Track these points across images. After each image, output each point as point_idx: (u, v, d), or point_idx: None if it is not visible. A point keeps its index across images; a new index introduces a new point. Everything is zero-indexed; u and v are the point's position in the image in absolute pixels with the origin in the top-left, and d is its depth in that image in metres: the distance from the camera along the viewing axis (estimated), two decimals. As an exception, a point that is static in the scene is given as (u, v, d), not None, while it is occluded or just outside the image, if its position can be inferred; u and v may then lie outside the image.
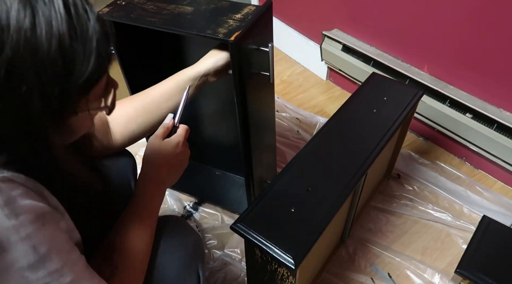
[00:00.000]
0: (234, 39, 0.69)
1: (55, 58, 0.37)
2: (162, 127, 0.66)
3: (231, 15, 0.77)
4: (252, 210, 0.80)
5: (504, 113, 1.19)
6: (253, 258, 0.86)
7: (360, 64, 1.49)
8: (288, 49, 1.91)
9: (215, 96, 1.11)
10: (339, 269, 1.11)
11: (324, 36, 1.60)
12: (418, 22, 1.29)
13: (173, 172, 0.66)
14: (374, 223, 1.23)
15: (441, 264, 1.13)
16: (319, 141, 0.95)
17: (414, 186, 1.33)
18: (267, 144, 1.07)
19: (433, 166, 1.39)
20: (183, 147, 0.67)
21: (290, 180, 0.86)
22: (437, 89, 1.28)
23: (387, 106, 1.03)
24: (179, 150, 0.66)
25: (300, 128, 1.55)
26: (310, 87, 1.77)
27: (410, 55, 1.38)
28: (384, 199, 1.29)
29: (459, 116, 1.26)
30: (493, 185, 1.34)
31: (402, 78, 1.37)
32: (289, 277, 0.80)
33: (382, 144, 0.93)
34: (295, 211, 0.79)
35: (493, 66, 1.16)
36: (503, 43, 1.10)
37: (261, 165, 1.05)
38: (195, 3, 0.83)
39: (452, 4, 1.16)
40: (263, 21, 0.78)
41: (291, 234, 0.76)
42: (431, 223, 1.23)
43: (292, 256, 0.72)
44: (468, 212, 1.25)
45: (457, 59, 1.24)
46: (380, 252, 1.16)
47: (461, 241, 1.18)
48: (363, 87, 1.10)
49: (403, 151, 1.43)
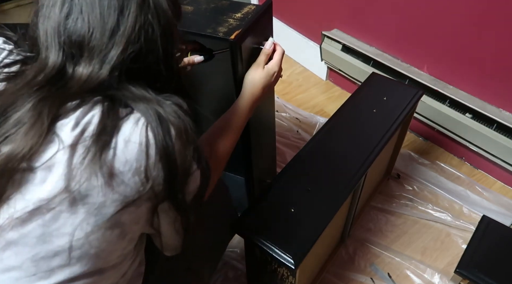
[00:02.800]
0: (234, 38, 0.69)
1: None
2: (263, 54, 0.76)
3: (231, 14, 0.77)
4: (252, 210, 0.80)
5: (504, 113, 1.19)
6: (253, 258, 0.86)
7: (360, 64, 1.49)
8: (288, 49, 1.90)
9: (214, 96, 1.11)
10: (339, 269, 1.11)
11: (324, 36, 1.60)
12: (417, 22, 1.29)
13: (267, 94, 0.80)
14: (374, 223, 1.23)
15: (441, 264, 1.13)
16: (319, 141, 0.94)
17: (414, 186, 1.33)
18: (266, 144, 1.07)
19: (433, 166, 1.39)
20: (278, 73, 0.79)
21: (290, 180, 0.86)
22: (437, 89, 1.28)
23: (387, 106, 1.03)
24: (275, 77, 0.78)
25: (300, 128, 1.55)
26: (310, 87, 1.77)
27: (410, 55, 1.38)
28: (384, 199, 1.29)
29: (459, 116, 1.26)
30: (492, 184, 1.34)
31: (402, 78, 1.37)
32: (289, 277, 0.80)
33: (382, 144, 0.93)
34: (295, 211, 0.79)
35: (492, 66, 1.16)
36: (503, 43, 1.10)
37: (261, 165, 1.05)
38: (195, 2, 0.83)
39: (451, 4, 1.16)
40: (263, 20, 0.78)
41: (291, 234, 0.76)
42: (431, 223, 1.23)
43: (292, 256, 0.72)
44: (468, 212, 1.25)
45: (456, 59, 1.24)
46: (380, 252, 1.16)
47: (460, 241, 1.18)
48: (363, 87, 1.10)
49: (403, 151, 1.43)
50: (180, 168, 0.47)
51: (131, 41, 0.46)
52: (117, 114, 0.45)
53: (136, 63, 0.47)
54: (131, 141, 0.44)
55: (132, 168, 0.44)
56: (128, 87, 0.47)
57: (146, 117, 0.45)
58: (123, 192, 0.44)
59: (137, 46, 0.47)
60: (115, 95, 0.47)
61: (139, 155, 0.44)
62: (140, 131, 0.45)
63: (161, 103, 0.47)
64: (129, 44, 0.46)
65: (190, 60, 0.80)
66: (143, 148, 0.44)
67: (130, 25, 0.46)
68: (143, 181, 0.45)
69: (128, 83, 0.47)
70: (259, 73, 0.75)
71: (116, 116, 0.45)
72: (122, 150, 0.44)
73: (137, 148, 0.44)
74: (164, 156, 0.45)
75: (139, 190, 0.45)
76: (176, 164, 0.46)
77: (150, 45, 0.48)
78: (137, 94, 0.47)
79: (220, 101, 1.13)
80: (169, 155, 0.46)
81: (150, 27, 0.47)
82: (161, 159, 0.45)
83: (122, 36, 0.46)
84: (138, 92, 0.47)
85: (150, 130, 0.45)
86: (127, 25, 0.46)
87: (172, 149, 0.46)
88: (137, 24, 0.46)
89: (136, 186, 0.45)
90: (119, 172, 0.43)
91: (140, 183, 0.45)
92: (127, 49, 0.46)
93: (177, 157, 0.46)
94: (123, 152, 0.44)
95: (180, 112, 0.48)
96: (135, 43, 0.46)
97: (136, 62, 0.47)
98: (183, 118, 0.48)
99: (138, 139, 0.44)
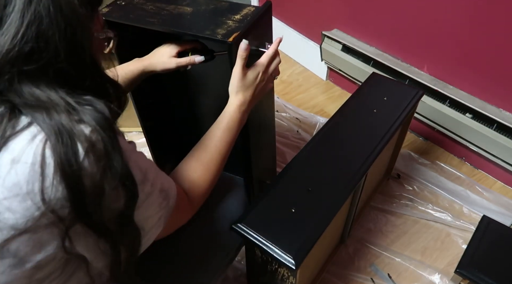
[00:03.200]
0: (232, 40, 0.69)
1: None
2: (239, 57, 0.70)
3: (230, 16, 0.77)
4: (252, 210, 0.80)
5: (504, 113, 1.19)
6: (253, 258, 0.86)
7: (360, 64, 1.49)
8: (288, 49, 1.91)
9: (214, 96, 1.11)
10: (339, 269, 1.11)
11: (324, 36, 1.60)
12: (418, 22, 1.29)
13: (258, 96, 0.76)
14: (374, 223, 1.23)
15: (441, 264, 1.13)
16: (320, 141, 0.94)
17: (414, 186, 1.33)
18: (266, 144, 1.07)
19: (433, 166, 1.39)
20: (263, 75, 0.73)
21: (290, 180, 0.86)
22: (437, 89, 1.28)
23: (387, 106, 1.03)
24: (260, 79, 0.73)
25: (300, 128, 1.55)
26: (310, 87, 1.77)
27: (410, 55, 1.38)
28: (384, 199, 1.29)
29: (459, 116, 1.26)
30: (493, 185, 1.34)
31: (402, 78, 1.37)
32: (290, 277, 0.80)
33: (382, 144, 0.93)
34: (295, 211, 0.79)
35: (493, 66, 1.16)
36: (503, 43, 1.09)
37: (261, 165, 1.05)
38: (194, 3, 0.83)
39: (451, 4, 1.16)
40: (262, 22, 0.78)
41: (292, 234, 0.75)
42: (431, 223, 1.23)
43: (293, 256, 0.72)
44: (468, 212, 1.25)
45: (457, 59, 1.24)
46: (380, 252, 1.16)
47: (461, 241, 1.18)
48: (363, 87, 1.10)
49: (403, 151, 1.43)
50: (90, 188, 0.41)
51: (18, 41, 0.39)
52: (9, 126, 0.39)
53: (30, 64, 0.40)
54: (20, 161, 0.38)
55: (22, 191, 0.39)
56: (29, 90, 0.41)
57: (45, 131, 0.39)
58: (7, 220, 0.39)
59: (28, 45, 0.40)
60: (10, 100, 0.40)
61: (31, 176, 0.39)
62: (35, 149, 0.39)
63: (73, 109, 0.41)
64: (15, 43, 0.39)
65: (191, 60, 0.79)
66: (37, 168, 0.39)
67: (14, 21, 0.39)
68: (38, 204, 0.39)
69: (32, 84, 0.41)
70: (235, 79, 0.71)
71: (4, 128, 0.39)
72: (7, 172, 0.38)
73: (29, 168, 0.38)
74: (66, 175, 0.39)
75: (33, 215, 0.39)
76: (83, 184, 0.40)
77: (44, 41, 0.40)
78: (40, 99, 0.40)
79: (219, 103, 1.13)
80: (73, 175, 0.39)
81: (44, 21, 0.40)
82: (63, 179, 0.39)
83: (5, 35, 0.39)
84: (42, 96, 0.41)
85: (49, 147, 0.39)
86: (11, 22, 0.39)
87: (78, 167, 0.40)
88: (24, 20, 0.39)
89: (28, 211, 0.39)
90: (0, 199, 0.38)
91: (35, 207, 0.39)
92: (13, 49, 0.39)
93: (83, 176, 0.40)
94: (9, 174, 0.38)
95: (98, 121, 0.41)
96: (24, 42, 0.40)
97: (29, 63, 0.40)
98: (99, 129, 0.41)
99: (30, 159, 0.38)
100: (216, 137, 0.70)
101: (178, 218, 0.62)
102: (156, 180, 0.53)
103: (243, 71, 0.70)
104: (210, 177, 0.68)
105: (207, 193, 0.69)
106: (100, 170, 0.41)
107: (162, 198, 0.54)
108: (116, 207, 0.45)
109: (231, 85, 0.72)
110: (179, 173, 0.66)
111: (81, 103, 0.42)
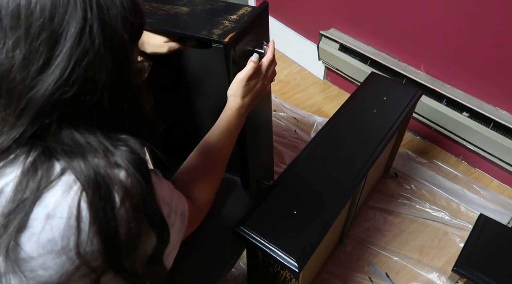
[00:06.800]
0: (228, 41, 0.69)
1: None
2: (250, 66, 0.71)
3: (227, 16, 0.77)
4: (254, 213, 0.79)
5: (501, 112, 1.19)
6: (254, 260, 0.84)
7: (357, 63, 1.49)
8: (285, 48, 1.91)
9: (211, 97, 1.11)
10: (337, 269, 1.11)
11: (321, 36, 1.60)
12: (414, 22, 1.29)
13: (252, 102, 0.76)
14: (371, 223, 1.23)
15: (438, 263, 1.13)
16: (320, 142, 0.94)
17: (412, 185, 1.33)
18: (264, 143, 1.07)
19: (430, 165, 1.39)
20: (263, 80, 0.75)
21: (292, 182, 0.85)
22: (434, 88, 1.28)
23: (387, 106, 1.03)
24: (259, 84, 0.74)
25: (298, 128, 1.55)
26: (308, 86, 1.77)
27: (407, 54, 1.38)
28: (381, 198, 1.29)
29: (456, 115, 1.26)
30: (490, 183, 1.34)
31: (399, 78, 1.37)
32: (292, 279, 0.79)
33: (383, 144, 0.93)
34: (298, 213, 0.78)
35: (489, 65, 1.16)
36: (499, 42, 1.10)
37: (258, 165, 1.05)
38: (191, 3, 0.82)
39: (448, 4, 1.16)
40: (258, 22, 0.78)
41: (294, 237, 0.74)
42: (428, 222, 1.23)
43: (296, 259, 0.71)
44: (465, 210, 1.25)
45: (453, 58, 1.24)
46: (377, 252, 1.16)
47: (458, 240, 1.18)
48: (362, 87, 1.10)
49: (401, 150, 1.43)
50: (125, 236, 0.39)
51: (63, 82, 0.36)
52: (44, 175, 0.37)
53: (74, 107, 0.37)
54: (56, 216, 0.36)
55: (56, 248, 0.37)
56: (68, 134, 0.38)
57: (80, 181, 0.37)
58: (40, 278, 0.37)
59: (74, 88, 0.36)
60: (47, 146, 0.38)
61: (66, 230, 0.37)
62: (70, 203, 0.37)
63: (110, 154, 0.39)
64: (60, 85, 0.36)
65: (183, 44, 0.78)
66: (73, 222, 0.37)
67: (61, 61, 0.36)
68: (72, 258, 0.38)
69: (73, 128, 0.38)
70: (238, 83, 0.71)
71: (39, 180, 0.36)
72: (42, 228, 0.36)
73: (64, 223, 0.37)
74: (102, 229, 0.38)
75: (67, 270, 0.38)
76: (119, 235, 0.39)
77: (91, 81, 0.37)
78: (79, 143, 0.38)
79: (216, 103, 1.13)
80: (108, 228, 0.38)
81: (92, 58, 0.37)
82: (98, 233, 0.38)
83: (50, 75, 0.36)
84: (81, 140, 0.38)
85: (84, 200, 0.37)
86: (59, 63, 0.36)
87: (114, 219, 0.38)
88: (72, 60, 0.36)
89: (62, 268, 0.37)
90: (33, 257, 0.36)
91: (69, 262, 0.38)
92: (57, 92, 0.36)
93: (119, 228, 0.38)
94: (43, 230, 0.36)
95: (133, 163, 0.40)
96: (70, 84, 0.36)
97: (73, 106, 0.37)
98: (134, 172, 0.39)
99: (66, 213, 0.37)
100: (217, 142, 0.70)
101: (189, 231, 0.61)
102: (177, 207, 0.52)
103: (247, 78, 0.71)
104: (214, 183, 0.69)
105: (212, 199, 0.69)
106: (135, 216, 0.40)
107: (181, 221, 0.53)
108: (147, 250, 0.43)
109: (232, 88, 0.72)
110: (184, 183, 0.65)
111: (117, 146, 0.40)
